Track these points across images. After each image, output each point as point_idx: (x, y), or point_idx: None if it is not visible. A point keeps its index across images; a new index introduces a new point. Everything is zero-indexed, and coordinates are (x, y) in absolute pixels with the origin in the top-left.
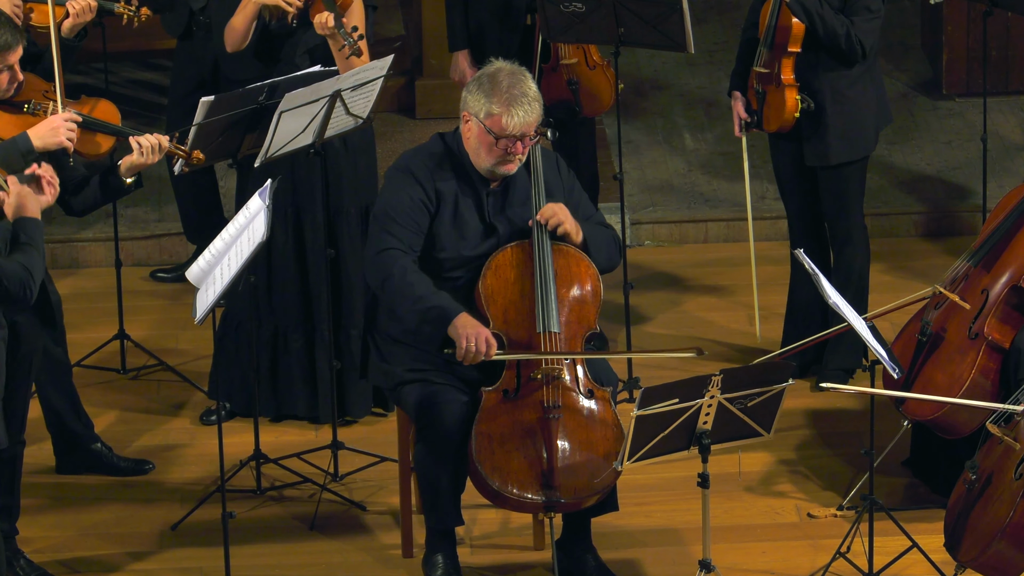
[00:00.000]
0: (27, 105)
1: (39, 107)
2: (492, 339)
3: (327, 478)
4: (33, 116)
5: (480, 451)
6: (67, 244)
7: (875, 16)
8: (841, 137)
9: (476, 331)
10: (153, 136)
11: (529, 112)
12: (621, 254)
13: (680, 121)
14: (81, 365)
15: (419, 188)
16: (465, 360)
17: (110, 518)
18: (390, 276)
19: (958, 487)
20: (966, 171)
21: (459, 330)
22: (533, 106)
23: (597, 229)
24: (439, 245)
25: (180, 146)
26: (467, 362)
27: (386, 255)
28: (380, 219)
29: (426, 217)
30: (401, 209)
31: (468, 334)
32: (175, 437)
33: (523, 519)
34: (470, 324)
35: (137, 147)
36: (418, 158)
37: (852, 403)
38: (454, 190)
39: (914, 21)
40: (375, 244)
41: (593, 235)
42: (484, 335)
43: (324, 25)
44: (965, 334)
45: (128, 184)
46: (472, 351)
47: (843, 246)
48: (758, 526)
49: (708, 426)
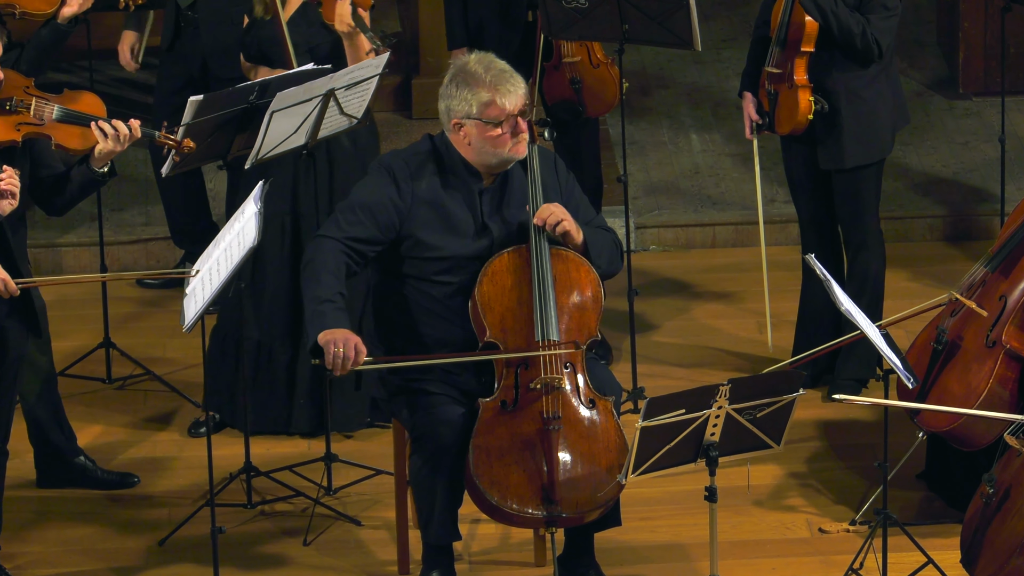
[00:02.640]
0: (8, 104)
1: (21, 104)
2: (362, 346)
3: (320, 492)
4: (15, 114)
5: (478, 464)
6: (50, 249)
7: (892, 14)
8: (856, 140)
9: (344, 336)
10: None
11: (516, 84)
12: (623, 259)
13: (687, 121)
14: (65, 374)
15: (393, 186)
16: (334, 369)
17: (95, 533)
18: (309, 263)
19: (975, 501)
20: (983, 173)
21: (326, 336)
22: (516, 78)
23: (598, 233)
24: (427, 248)
25: (170, 135)
26: (337, 371)
27: (318, 241)
28: (342, 206)
29: (391, 216)
30: (363, 203)
31: (336, 339)
32: (162, 449)
33: (523, 534)
34: (340, 332)
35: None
36: (401, 157)
37: (865, 414)
38: (437, 190)
39: (929, 17)
40: (323, 226)
41: (594, 239)
42: (353, 341)
43: (344, 22)
44: (982, 342)
45: (102, 173)
46: (340, 357)
47: (857, 251)
48: (767, 541)
49: (716, 438)
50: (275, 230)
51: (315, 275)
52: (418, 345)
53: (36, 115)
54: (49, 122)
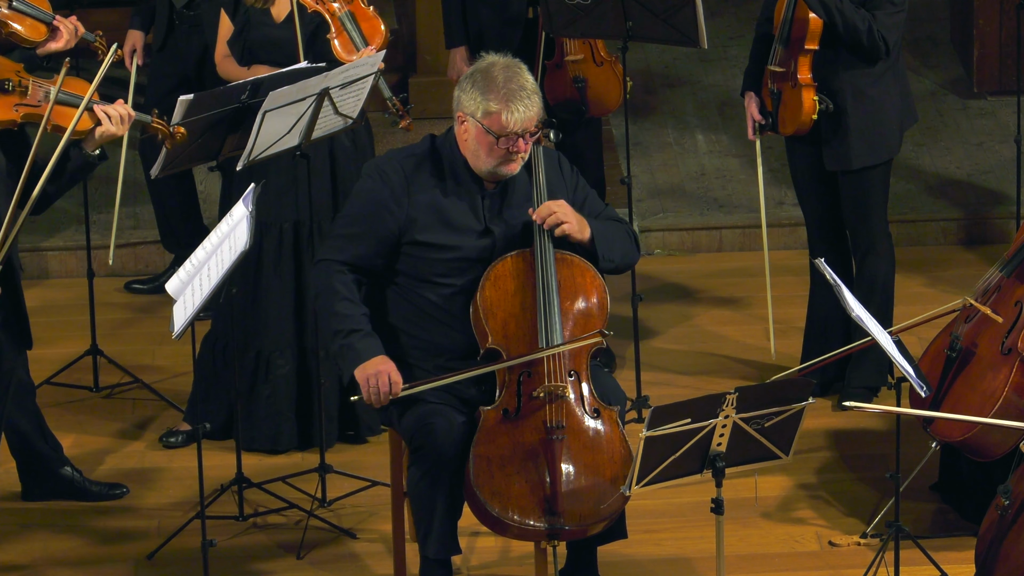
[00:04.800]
0: (7, 84)
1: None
2: (397, 375)
3: (314, 504)
4: (12, 95)
5: (478, 475)
6: (35, 253)
7: (899, 9)
8: (863, 140)
9: (376, 368)
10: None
11: (529, 106)
12: (639, 248)
13: (692, 121)
14: (51, 383)
15: (387, 190)
16: (372, 403)
17: (81, 546)
18: (320, 294)
19: (990, 513)
20: (998, 175)
21: (360, 373)
22: (533, 99)
23: (609, 225)
24: (429, 248)
25: (160, 120)
26: (375, 404)
27: (321, 267)
28: (338, 221)
29: (387, 223)
30: (358, 214)
31: (368, 375)
32: (151, 460)
33: (524, 547)
34: (371, 364)
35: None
36: (396, 158)
37: (876, 424)
38: (436, 194)
39: (942, 14)
40: (322, 249)
41: (604, 231)
42: (386, 372)
43: None
44: (997, 349)
45: (96, 156)
46: (375, 391)
47: (866, 255)
48: (776, 555)
49: (722, 448)
50: (274, 237)
51: (328, 308)
52: (416, 351)
53: (33, 96)
54: (45, 104)
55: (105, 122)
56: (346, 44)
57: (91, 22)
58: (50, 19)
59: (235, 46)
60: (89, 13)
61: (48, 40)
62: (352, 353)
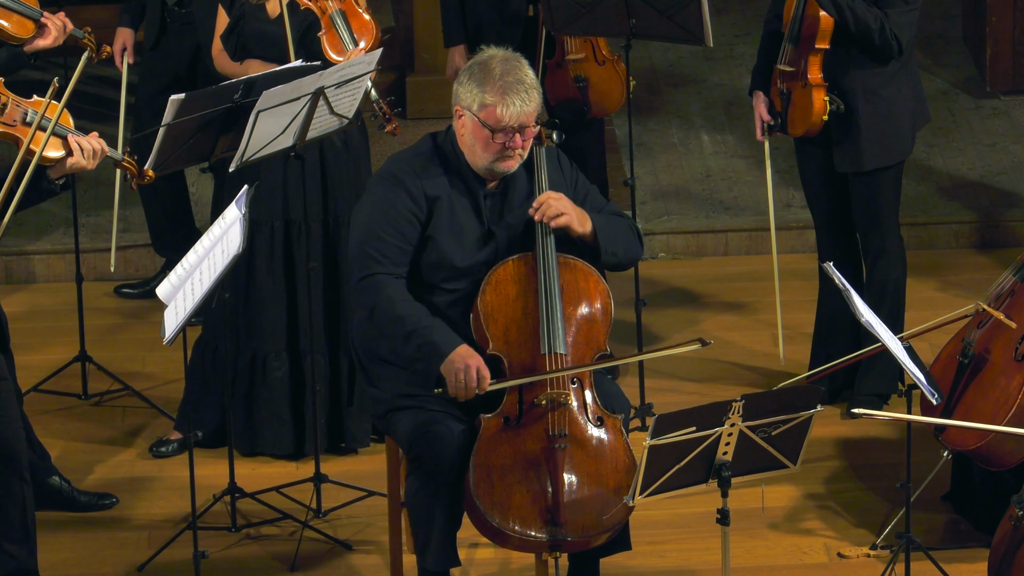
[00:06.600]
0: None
1: None
2: (485, 370)
3: (309, 514)
4: None
5: (479, 485)
6: (22, 257)
7: (912, 8)
8: (875, 141)
9: (465, 363)
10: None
11: (526, 101)
12: (643, 243)
13: (698, 121)
14: (38, 390)
15: (406, 196)
16: (458, 396)
17: (69, 558)
18: (376, 307)
19: (1003, 524)
20: (1012, 176)
21: (448, 365)
22: (530, 94)
23: (611, 219)
24: (435, 253)
25: (131, 159)
26: (461, 398)
27: (370, 282)
28: (363, 237)
29: (415, 229)
30: (387, 223)
31: (456, 368)
32: (141, 469)
33: (525, 559)
34: (458, 357)
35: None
36: (403, 161)
37: (886, 432)
38: (447, 193)
39: (955, 12)
40: (358, 268)
41: (606, 225)
42: (474, 366)
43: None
44: (1011, 355)
45: (56, 185)
46: (462, 386)
47: (876, 259)
48: (783, 567)
49: (728, 457)
50: (265, 237)
51: (390, 315)
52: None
53: (10, 116)
54: (20, 126)
55: (77, 154)
56: (335, 43)
57: (80, 19)
58: (38, 16)
59: (229, 40)
60: (78, 10)
61: (36, 37)
62: (430, 348)
